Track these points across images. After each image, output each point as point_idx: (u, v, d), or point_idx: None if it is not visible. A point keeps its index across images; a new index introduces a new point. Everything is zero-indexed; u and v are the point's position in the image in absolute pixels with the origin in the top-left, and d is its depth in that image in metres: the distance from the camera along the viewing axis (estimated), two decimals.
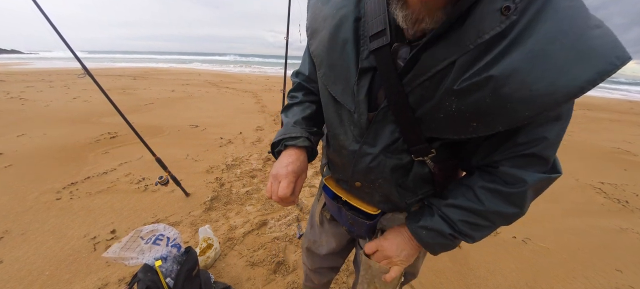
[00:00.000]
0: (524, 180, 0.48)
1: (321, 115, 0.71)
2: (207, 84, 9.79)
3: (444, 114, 0.46)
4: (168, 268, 1.12)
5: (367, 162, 0.59)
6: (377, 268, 0.68)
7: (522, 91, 0.40)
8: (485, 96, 0.42)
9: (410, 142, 0.53)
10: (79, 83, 7.85)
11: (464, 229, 0.55)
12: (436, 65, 0.44)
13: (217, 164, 3.03)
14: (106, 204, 2.21)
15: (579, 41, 0.37)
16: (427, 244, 0.59)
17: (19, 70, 12.66)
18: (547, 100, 0.39)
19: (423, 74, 0.45)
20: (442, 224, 0.56)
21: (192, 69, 19.31)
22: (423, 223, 0.59)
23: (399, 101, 0.49)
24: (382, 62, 0.49)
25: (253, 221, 2.05)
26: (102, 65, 20.31)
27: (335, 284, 1.57)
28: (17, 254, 1.67)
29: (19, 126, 4.01)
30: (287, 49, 2.65)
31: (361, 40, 0.52)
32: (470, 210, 0.54)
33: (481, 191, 0.53)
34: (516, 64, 0.39)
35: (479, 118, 0.44)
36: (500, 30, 0.39)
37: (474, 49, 0.41)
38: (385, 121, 0.53)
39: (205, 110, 5.57)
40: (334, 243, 0.89)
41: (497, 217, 0.53)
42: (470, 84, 0.42)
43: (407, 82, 0.48)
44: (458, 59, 0.42)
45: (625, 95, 14.80)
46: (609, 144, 4.67)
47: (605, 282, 1.71)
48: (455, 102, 0.44)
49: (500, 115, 0.43)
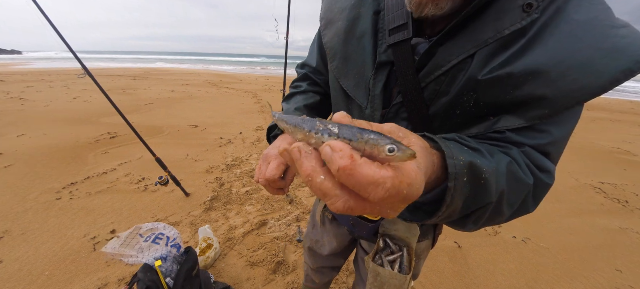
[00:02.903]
0: (550, 171, 0.42)
1: (325, 107, 0.70)
2: (207, 84, 9.80)
3: (461, 110, 0.45)
4: (168, 268, 1.12)
5: None
6: (387, 275, 0.64)
7: (543, 88, 0.38)
8: (505, 92, 0.40)
9: None
10: (79, 83, 7.86)
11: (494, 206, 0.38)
12: (452, 60, 0.43)
13: (217, 164, 3.03)
14: (106, 205, 2.21)
15: (604, 40, 0.37)
16: (452, 202, 0.34)
17: (19, 71, 12.67)
18: (570, 98, 0.38)
19: (439, 68, 0.44)
20: (494, 182, 0.36)
21: (192, 69, 19.32)
22: (477, 161, 0.35)
23: (414, 97, 0.47)
24: (401, 56, 0.48)
25: (253, 221, 2.05)
26: (102, 65, 20.31)
27: (335, 284, 1.57)
28: (17, 254, 1.67)
29: (19, 126, 4.01)
30: (287, 49, 2.65)
31: (380, 34, 0.51)
32: (516, 181, 0.39)
33: (526, 165, 0.42)
34: (539, 61, 0.38)
35: (497, 111, 0.42)
36: (521, 27, 0.38)
37: (493, 44, 0.40)
38: (398, 118, 0.51)
39: (205, 110, 5.57)
40: (335, 243, 0.88)
41: (522, 205, 0.42)
42: (492, 78, 0.40)
43: (422, 77, 0.46)
44: (477, 52, 0.41)
45: (625, 95, 14.81)
46: (609, 144, 4.67)
47: (605, 282, 1.71)
48: (474, 97, 0.43)
49: (518, 112, 0.41)
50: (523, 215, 0.44)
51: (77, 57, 1.79)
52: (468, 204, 0.36)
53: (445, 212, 0.35)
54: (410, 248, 0.66)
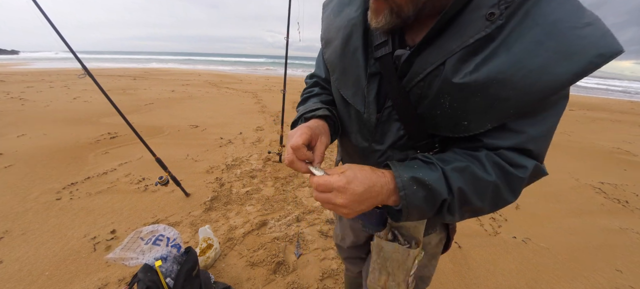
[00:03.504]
0: (525, 166, 0.47)
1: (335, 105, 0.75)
2: (207, 84, 9.80)
3: (440, 111, 0.50)
4: (168, 268, 1.12)
5: (376, 158, 0.63)
6: (389, 250, 0.65)
7: (506, 91, 0.43)
8: (473, 95, 0.45)
9: (414, 139, 0.57)
10: (79, 83, 7.86)
11: (457, 202, 0.49)
12: (427, 67, 0.48)
13: (217, 164, 3.03)
14: (106, 205, 2.21)
15: (563, 42, 0.40)
16: (409, 204, 0.48)
17: (19, 71, 12.67)
18: (529, 98, 0.42)
19: (417, 75, 0.50)
20: (442, 185, 0.47)
21: (192, 69, 19.32)
22: (419, 174, 0.48)
23: (401, 101, 0.54)
24: (385, 68, 0.54)
25: (253, 221, 2.05)
26: (102, 65, 20.31)
27: (336, 284, 1.57)
28: (17, 254, 1.67)
29: (19, 126, 4.01)
30: (287, 49, 2.65)
31: (369, 49, 0.57)
32: (476, 179, 0.47)
33: (489, 164, 0.48)
34: (502, 67, 0.42)
35: (468, 116, 0.48)
36: (485, 34, 0.43)
37: (459, 52, 0.45)
38: (391, 119, 0.58)
39: (205, 110, 5.57)
40: (353, 236, 0.94)
41: (494, 197, 0.49)
42: (461, 83, 0.45)
43: (405, 83, 0.52)
44: (447, 60, 0.46)
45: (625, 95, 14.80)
46: (609, 144, 4.67)
47: (605, 282, 1.71)
48: (449, 100, 0.48)
49: (487, 113, 0.46)
50: (504, 204, 0.50)
51: (77, 57, 1.79)
52: (429, 201, 0.48)
53: (410, 212, 0.49)
54: (418, 241, 0.67)
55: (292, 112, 5.73)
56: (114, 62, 26.00)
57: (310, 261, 1.73)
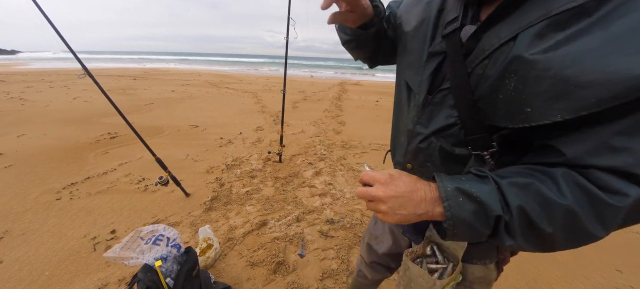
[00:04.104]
0: (626, 193, 0.35)
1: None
2: (207, 84, 9.80)
3: (502, 94, 0.43)
4: (168, 268, 1.12)
5: (417, 142, 0.60)
6: (415, 273, 0.61)
7: (588, 75, 0.34)
8: (544, 75, 0.37)
9: (468, 130, 0.50)
10: (79, 83, 7.86)
11: (517, 222, 0.40)
12: (494, 43, 0.43)
13: (217, 164, 3.03)
14: (106, 205, 2.21)
15: None
16: (454, 217, 0.43)
17: (19, 71, 12.67)
18: (621, 88, 0.32)
19: (483, 52, 0.45)
20: (495, 200, 0.41)
21: (192, 69, 19.32)
22: (467, 186, 0.42)
23: (460, 83, 0.49)
24: (451, 45, 0.51)
25: (253, 221, 2.05)
26: (102, 65, 20.31)
27: (336, 284, 1.57)
28: (17, 254, 1.67)
29: (19, 126, 4.01)
30: (287, 49, 2.65)
31: (438, 29, 0.56)
32: (543, 200, 0.38)
33: (567, 183, 0.38)
34: (592, 47, 0.34)
35: (533, 101, 0.39)
36: (576, 5, 0.35)
37: (538, 24, 0.38)
38: (443, 104, 0.54)
39: (205, 110, 5.57)
40: (391, 241, 0.89)
41: (569, 225, 0.38)
42: (533, 60, 0.38)
43: (468, 62, 0.48)
44: (519, 34, 0.40)
45: None
46: None
47: (605, 282, 1.71)
48: (514, 80, 0.41)
49: (558, 100, 0.37)
50: (588, 238, 0.39)
51: (77, 57, 1.78)
52: (479, 217, 0.42)
53: (457, 226, 0.43)
54: (457, 264, 0.61)
55: (292, 112, 5.73)
56: (114, 62, 26.00)
57: (310, 261, 1.72)
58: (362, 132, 4.52)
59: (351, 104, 7.08)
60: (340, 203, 2.36)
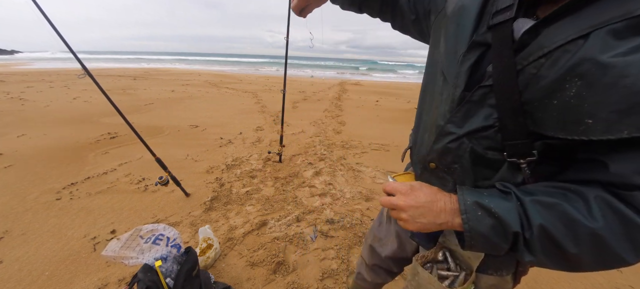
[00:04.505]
0: None
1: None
2: (207, 84, 9.80)
3: (558, 100, 0.38)
4: (168, 268, 1.12)
5: (446, 142, 0.53)
6: (424, 279, 0.59)
7: None
8: (618, 83, 0.33)
9: (506, 134, 0.45)
10: (79, 83, 7.86)
11: (537, 240, 0.40)
12: (558, 40, 0.38)
13: (217, 164, 3.03)
14: (106, 205, 2.21)
15: None
16: (472, 229, 0.44)
17: (19, 71, 12.67)
18: None
19: (541, 48, 0.39)
20: (514, 217, 0.41)
21: (192, 69, 19.33)
22: (486, 201, 0.43)
23: (507, 80, 0.43)
24: (499, 36, 0.45)
25: (253, 221, 2.05)
26: (102, 65, 20.31)
27: (336, 284, 1.57)
28: (17, 254, 1.67)
29: (19, 126, 4.01)
30: (287, 49, 2.65)
31: (484, 17, 0.49)
32: (569, 220, 0.38)
33: (599, 206, 0.37)
34: None
35: (598, 111, 0.35)
36: None
37: (618, 23, 0.33)
38: (483, 103, 0.47)
39: (205, 110, 5.57)
40: (396, 245, 0.85)
41: (596, 248, 0.37)
42: (608, 63, 0.33)
43: (519, 58, 0.42)
44: (593, 32, 0.35)
45: None
46: None
47: (605, 282, 1.71)
48: (577, 85, 0.36)
49: (632, 113, 0.32)
50: (617, 262, 0.37)
51: (77, 57, 1.78)
52: (497, 232, 0.43)
53: (475, 238, 0.44)
54: (469, 273, 0.59)
55: (292, 112, 5.73)
56: (114, 62, 25.98)
57: (310, 261, 1.72)
58: (362, 132, 4.52)
59: (351, 104, 7.08)
60: (340, 203, 2.36)
